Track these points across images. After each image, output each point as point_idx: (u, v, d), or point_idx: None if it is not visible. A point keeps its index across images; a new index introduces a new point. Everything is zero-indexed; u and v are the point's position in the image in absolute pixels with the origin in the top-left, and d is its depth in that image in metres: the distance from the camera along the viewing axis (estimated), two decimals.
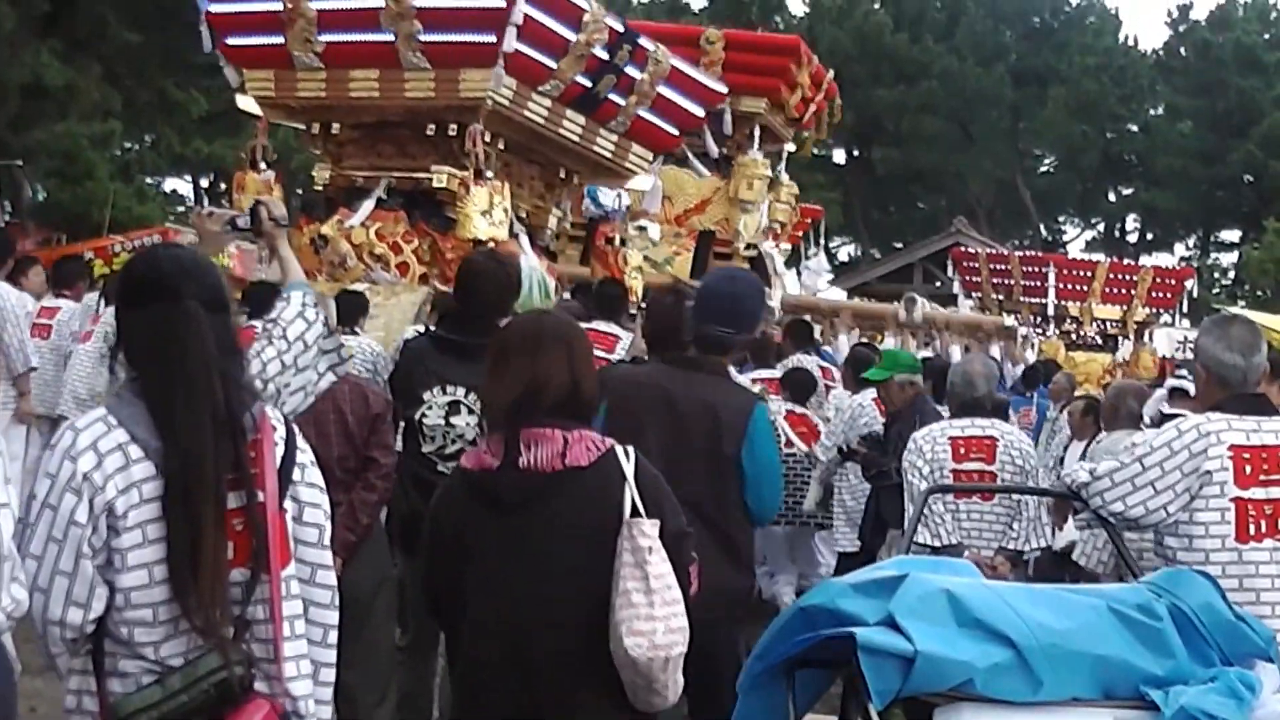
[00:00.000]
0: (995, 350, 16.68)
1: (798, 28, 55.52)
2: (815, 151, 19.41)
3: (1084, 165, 56.46)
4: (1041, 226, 59.65)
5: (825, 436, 11.36)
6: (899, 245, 53.72)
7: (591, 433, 4.37)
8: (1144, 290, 25.00)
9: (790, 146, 18.69)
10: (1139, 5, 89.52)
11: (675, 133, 11.13)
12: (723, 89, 11.55)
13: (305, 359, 5.67)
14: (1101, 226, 61.78)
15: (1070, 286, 24.64)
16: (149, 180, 40.19)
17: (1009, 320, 17.13)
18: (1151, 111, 58.21)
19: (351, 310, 9.60)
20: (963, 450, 8.57)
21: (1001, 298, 25.25)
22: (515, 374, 4.34)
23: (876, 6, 56.71)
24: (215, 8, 10.46)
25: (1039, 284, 24.65)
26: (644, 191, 16.16)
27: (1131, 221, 61.04)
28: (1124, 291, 25.04)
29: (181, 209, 42.53)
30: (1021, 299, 24.86)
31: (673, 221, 16.94)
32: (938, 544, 8.22)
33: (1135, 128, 57.91)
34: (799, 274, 20.01)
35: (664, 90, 10.65)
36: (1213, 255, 59.26)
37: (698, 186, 17.11)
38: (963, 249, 29.26)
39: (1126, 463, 5.60)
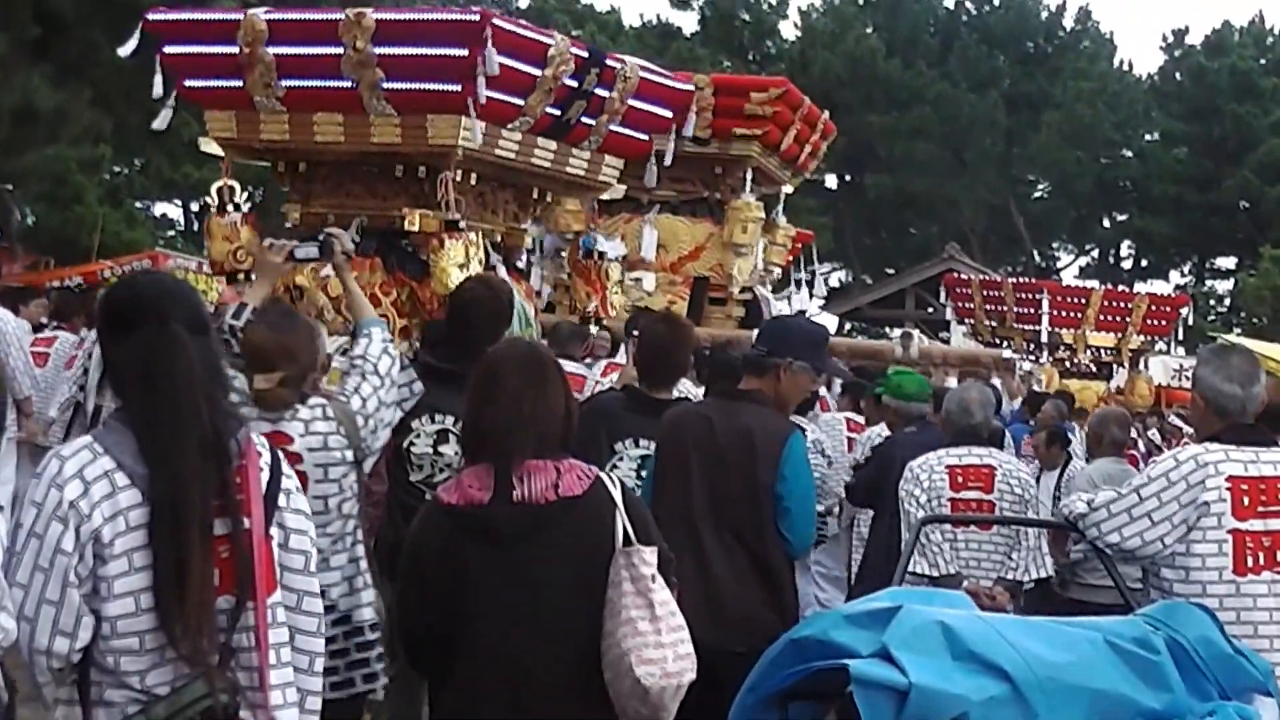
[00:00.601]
0: (996, 383, 16.67)
1: (789, 51, 55.73)
2: (806, 176, 19.37)
3: (1078, 191, 56.51)
4: (1035, 253, 59.74)
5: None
6: (891, 271, 53.69)
7: (578, 461, 4.38)
8: (1139, 317, 24.94)
9: (788, 189, 18.72)
10: (1134, 30, 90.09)
11: (646, 138, 11.09)
12: (689, 88, 11.51)
13: (391, 395, 5.93)
14: (1095, 253, 61.82)
15: (1064, 314, 24.57)
16: (138, 205, 40.22)
17: (1007, 353, 17.08)
18: (1146, 137, 58.34)
19: None
20: (960, 479, 8.56)
21: (994, 324, 25.16)
22: (510, 403, 4.32)
23: (869, 31, 56.76)
24: (172, 49, 10.36)
25: (1032, 311, 24.57)
26: (641, 242, 16.25)
27: (1126, 248, 61.07)
28: (1118, 319, 24.98)
29: (171, 233, 42.59)
30: (1014, 326, 24.77)
31: (668, 269, 16.94)
32: (935, 574, 8.21)
33: (1130, 153, 58.02)
34: (789, 300, 19.98)
35: (634, 103, 10.61)
36: (1208, 282, 59.31)
37: (691, 233, 17.09)
38: (955, 275, 29.25)
39: (1123, 493, 5.62)
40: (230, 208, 10.52)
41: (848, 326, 43.82)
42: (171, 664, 3.59)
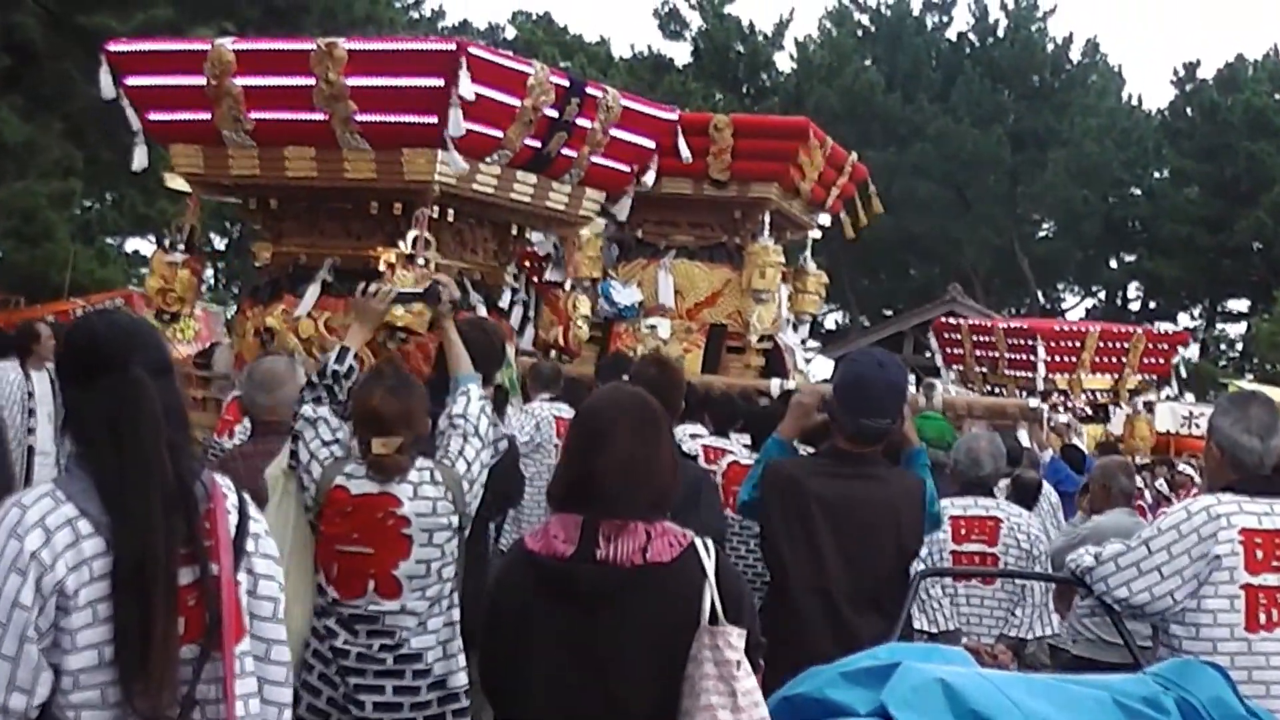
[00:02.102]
0: (1023, 435, 16.56)
1: (785, 85, 55.93)
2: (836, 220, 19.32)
3: (1085, 231, 56.68)
4: (1040, 294, 59.88)
5: None
6: (889, 313, 53.79)
7: (672, 525, 4.26)
8: (1136, 357, 24.91)
9: (815, 234, 18.69)
10: (1144, 63, 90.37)
11: (628, 169, 11.07)
12: (672, 116, 11.50)
13: (487, 456, 6.07)
14: (1103, 295, 62.02)
15: (1059, 358, 24.46)
16: (110, 241, 40.25)
17: (1034, 402, 16.93)
18: (1156, 175, 58.53)
19: None
20: (963, 531, 8.51)
21: (985, 370, 25.06)
22: (619, 455, 4.21)
23: (867, 64, 57.04)
24: (134, 80, 10.30)
25: (1026, 356, 24.42)
26: (658, 288, 16.27)
27: (1134, 290, 61.32)
28: (1115, 360, 24.93)
29: (145, 271, 42.52)
30: (1006, 373, 24.66)
31: (684, 315, 16.94)
32: (934, 630, 8.15)
33: (1139, 192, 58.22)
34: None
35: (617, 133, 10.59)
36: (1219, 326, 59.57)
37: (709, 279, 17.09)
38: (944, 320, 29.17)
39: (1132, 546, 5.59)
40: (180, 247, 10.49)
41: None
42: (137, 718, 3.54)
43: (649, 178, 11.40)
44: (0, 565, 3.47)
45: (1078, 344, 24.72)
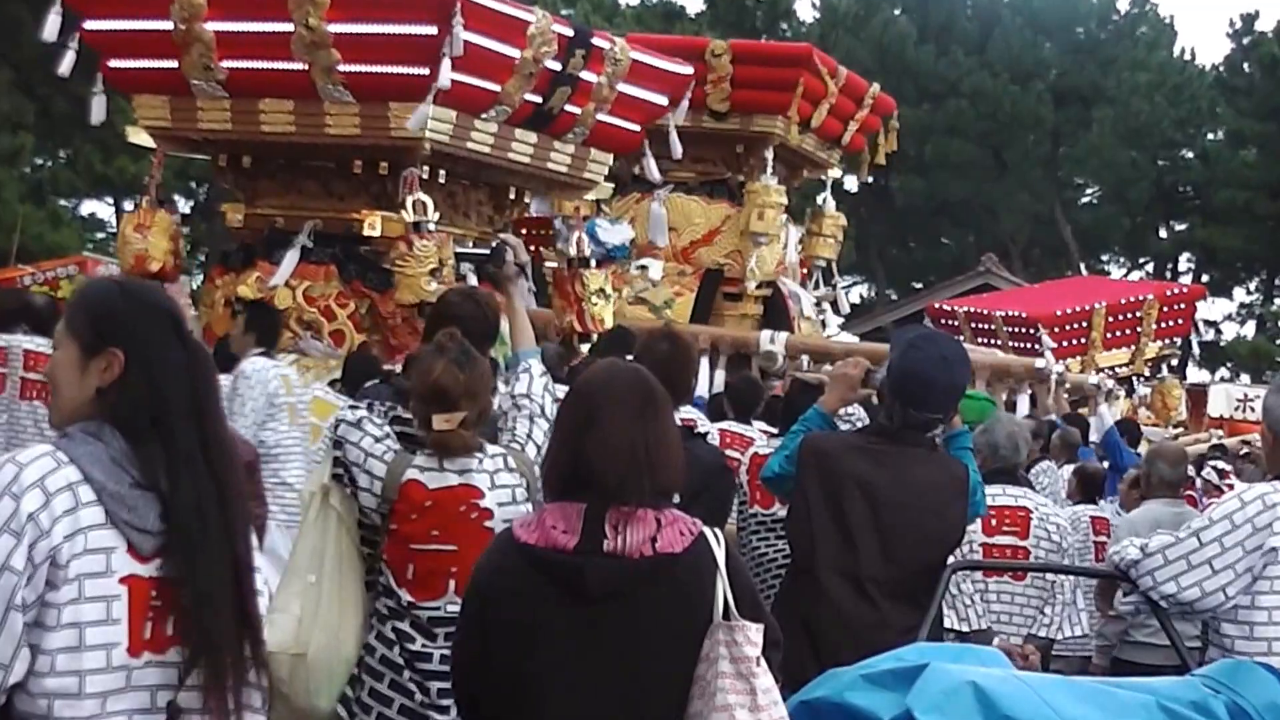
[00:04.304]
0: (1023, 401, 16.42)
1: (807, 36, 55.70)
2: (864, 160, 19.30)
3: (1132, 197, 56.43)
4: (1083, 266, 59.64)
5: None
6: (919, 286, 53.70)
7: (680, 513, 4.27)
8: (1151, 323, 24.83)
9: (835, 173, 18.67)
10: (1197, 15, 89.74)
11: (638, 129, 11.05)
12: (688, 71, 11.46)
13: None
14: (1151, 267, 61.75)
15: (1067, 343, 24.36)
16: (64, 203, 40.13)
17: (1039, 362, 16.73)
18: (1210, 137, 58.18)
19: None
20: (994, 522, 8.51)
21: None
22: (621, 435, 4.21)
23: (898, 14, 56.82)
24: (93, 24, 10.25)
25: (1030, 346, 24.34)
26: (649, 223, 16.18)
27: (1185, 262, 61.00)
28: (1129, 331, 24.87)
29: (101, 236, 42.42)
30: None
31: (679, 256, 16.94)
32: (965, 629, 8.16)
33: (1191, 155, 57.89)
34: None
35: (625, 88, 10.54)
36: (1278, 301, 59.33)
37: (705, 215, 17.09)
38: (938, 306, 29.10)
39: (1182, 538, 5.57)
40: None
41: (869, 344, 43.56)
42: (121, 715, 3.57)
43: (681, 111, 11.35)
44: None
45: (1084, 324, 24.67)
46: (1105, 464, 13.39)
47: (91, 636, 3.52)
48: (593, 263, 11.70)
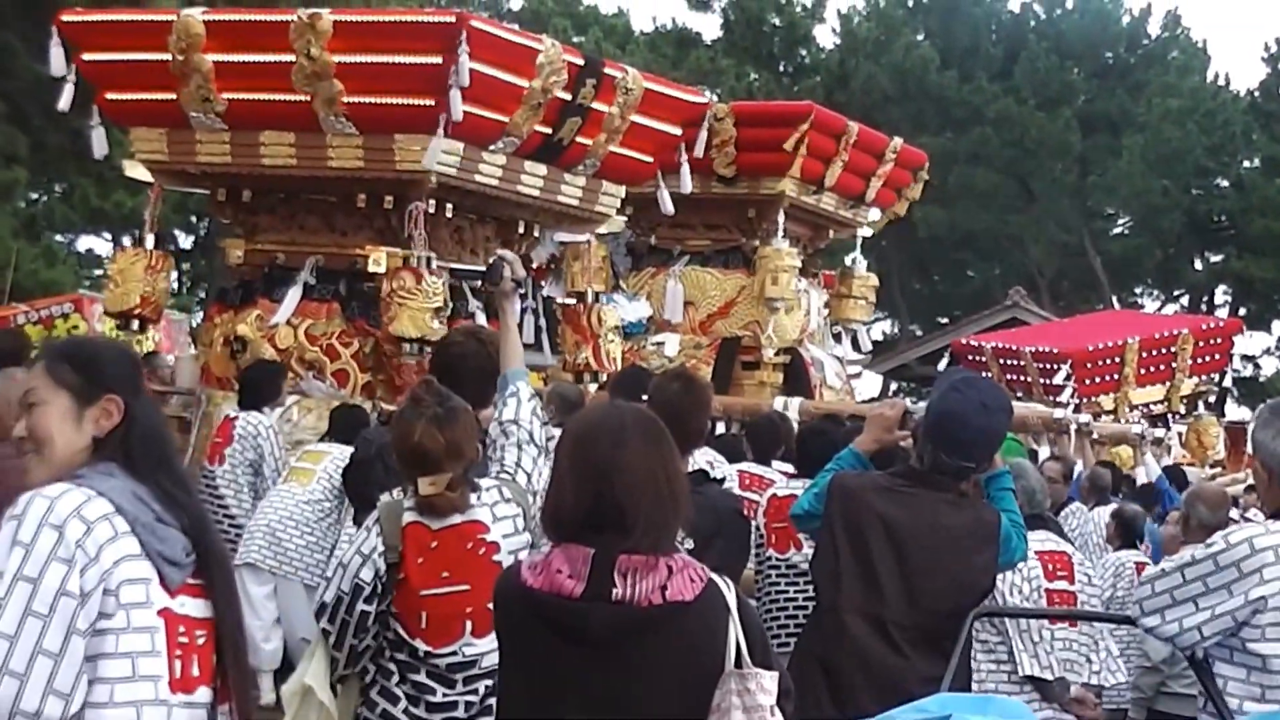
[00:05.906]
0: (1043, 450, 16.38)
1: (826, 62, 55.76)
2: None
3: (1165, 227, 56.34)
4: (1115, 299, 59.59)
5: None
6: (944, 321, 53.65)
7: (689, 559, 4.25)
8: (1186, 358, 24.82)
9: (866, 231, 18.66)
10: (1231, 38, 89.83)
11: (651, 160, 11.03)
12: (703, 100, 11.47)
13: (544, 462, 6.05)
14: (1186, 299, 61.68)
15: (1097, 380, 24.34)
16: (59, 238, 40.20)
17: (1058, 412, 16.71)
18: (1245, 164, 58.12)
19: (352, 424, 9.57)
20: (1050, 567, 8.52)
21: (1020, 395, 24.91)
22: (628, 478, 4.18)
23: (920, 38, 56.85)
24: (90, 56, 10.25)
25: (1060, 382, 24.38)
26: (666, 300, 16.23)
27: (1221, 294, 60.91)
28: (1163, 367, 24.86)
29: (99, 273, 42.47)
30: (1043, 399, 24.50)
31: (696, 329, 16.95)
32: (1049, 676, 8.11)
33: (1226, 183, 57.81)
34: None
35: (638, 119, 10.53)
36: None
37: (721, 287, 17.10)
38: (964, 342, 29.10)
39: (1168, 570, 5.56)
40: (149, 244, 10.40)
41: (893, 387, 43.55)
42: None
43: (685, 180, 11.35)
44: (33, 555, 3.47)
45: (1116, 359, 24.63)
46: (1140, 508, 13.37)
47: (142, 667, 3.56)
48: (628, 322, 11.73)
